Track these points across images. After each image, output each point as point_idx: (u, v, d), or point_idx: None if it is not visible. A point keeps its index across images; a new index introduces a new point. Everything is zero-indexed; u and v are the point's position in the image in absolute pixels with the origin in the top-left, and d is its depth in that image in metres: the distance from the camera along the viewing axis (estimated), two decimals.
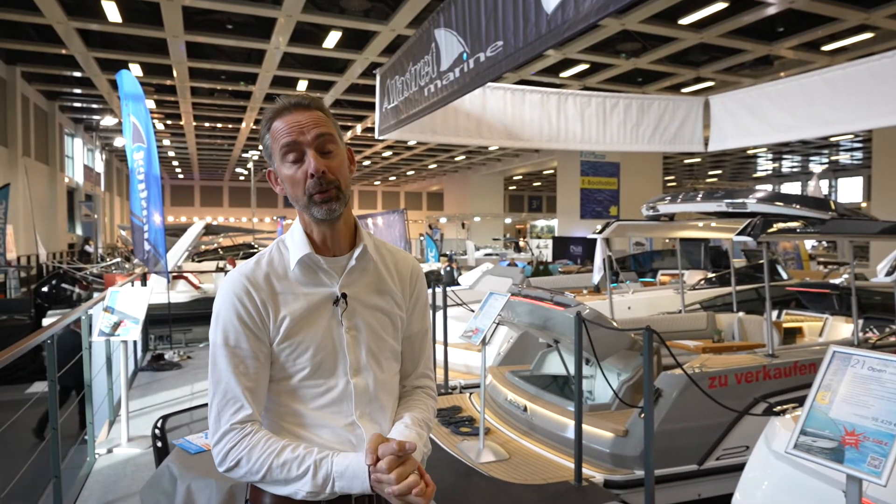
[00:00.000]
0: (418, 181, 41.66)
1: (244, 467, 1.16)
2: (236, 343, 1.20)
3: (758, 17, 11.07)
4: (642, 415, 3.51)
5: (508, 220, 38.52)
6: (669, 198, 5.13)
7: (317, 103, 1.26)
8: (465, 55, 4.45)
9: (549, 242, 21.84)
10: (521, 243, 27.40)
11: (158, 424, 2.55)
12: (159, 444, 2.51)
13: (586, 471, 3.50)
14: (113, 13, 10.99)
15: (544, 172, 33.24)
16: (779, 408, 2.62)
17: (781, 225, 3.90)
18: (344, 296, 1.25)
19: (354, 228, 1.31)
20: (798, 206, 4.15)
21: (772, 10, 10.81)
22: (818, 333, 5.48)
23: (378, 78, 6.76)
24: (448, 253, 19.71)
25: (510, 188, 42.54)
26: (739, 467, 3.50)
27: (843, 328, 5.27)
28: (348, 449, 1.22)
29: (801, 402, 3.48)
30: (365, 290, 1.29)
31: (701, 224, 5.26)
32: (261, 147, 1.29)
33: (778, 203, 4.22)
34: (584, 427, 3.54)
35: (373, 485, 1.10)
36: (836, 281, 8.64)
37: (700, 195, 4.97)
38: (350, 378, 1.24)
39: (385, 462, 1.07)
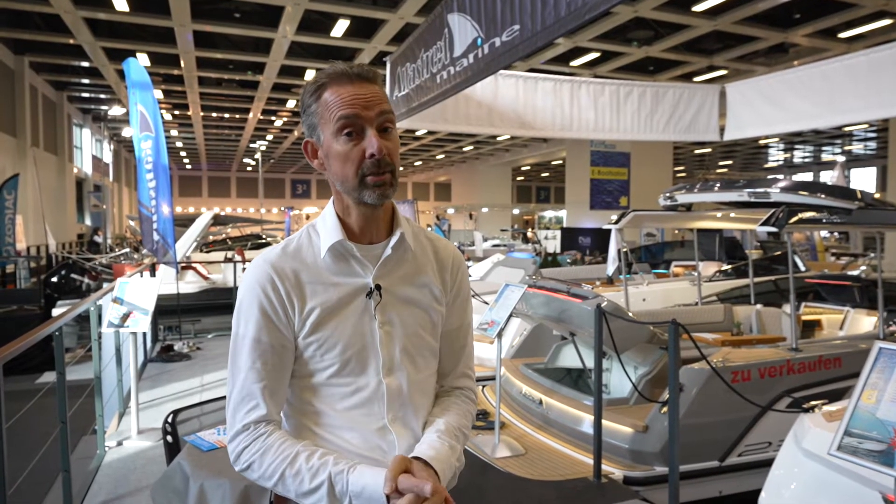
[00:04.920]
0: (426, 171, 41.49)
1: (256, 471, 1.08)
2: (257, 336, 1.11)
3: (773, 3, 10.84)
4: (663, 410, 3.42)
5: (516, 211, 38.33)
6: (688, 187, 5.01)
7: (378, 77, 1.15)
8: (479, 40, 4.33)
9: (558, 233, 21.65)
10: (529, 234, 27.23)
11: (169, 419, 2.49)
12: (170, 439, 2.44)
13: (604, 467, 3.41)
14: (120, 2, 10.91)
15: (553, 163, 33.01)
16: (810, 404, 2.52)
17: (807, 214, 3.78)
18: (378, 287, 1.15)
19: (392, 214, 1.21)
20: (823, 196, 4.02)
21: None
22: (838, 326, 5.36)
23: (388, 66, 6.63)
24: (455, 244, 19.52)
25: (518, 179, 42.33)
26: (762, 464, 3.42)
27: (864, 321, 5.14)
28: (378, 456, 1.12)
29: (829, 397, 3.40)
30: (401, 282, 1.18)
31: (720, 214, 5.14)
32: (302, 115, 1.16)
33: (802, 192, 4.09)
34: (603, 422, 3.45)
35: None
36: (855, 272, 8.48)
37: (719, 184, 4.85)
38: (382, 378, 1.14)
39: (405, 501, 0.97)
